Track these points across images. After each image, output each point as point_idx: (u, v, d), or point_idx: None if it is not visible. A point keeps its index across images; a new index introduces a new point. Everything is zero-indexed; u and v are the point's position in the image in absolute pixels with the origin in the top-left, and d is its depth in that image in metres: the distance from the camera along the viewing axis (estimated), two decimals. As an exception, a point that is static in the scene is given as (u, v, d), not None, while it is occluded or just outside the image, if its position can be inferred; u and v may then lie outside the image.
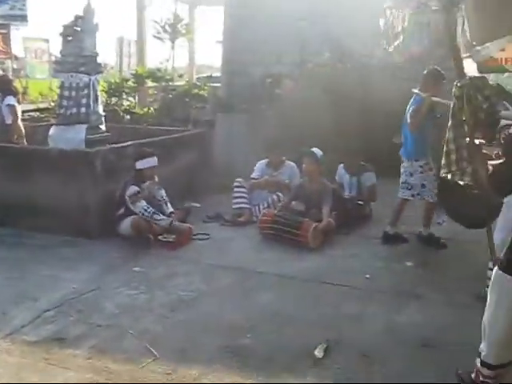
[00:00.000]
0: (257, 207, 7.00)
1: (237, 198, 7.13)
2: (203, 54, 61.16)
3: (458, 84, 3.58)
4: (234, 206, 7.12)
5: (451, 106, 3.67)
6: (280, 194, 7.03)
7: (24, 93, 15.47)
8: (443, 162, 3.83)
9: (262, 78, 9.77)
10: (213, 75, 15.11)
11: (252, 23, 11.23)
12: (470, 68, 3.66)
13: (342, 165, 7.48)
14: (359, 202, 7.10)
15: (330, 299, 4.73)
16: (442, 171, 3.89)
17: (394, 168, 8.88)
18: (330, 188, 6.69)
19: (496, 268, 3.15)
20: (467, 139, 3.65)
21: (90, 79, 6.82)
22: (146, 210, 5.98)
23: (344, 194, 7.17)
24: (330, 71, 9.71)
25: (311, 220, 6.22)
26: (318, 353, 3.79)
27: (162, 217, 6.07)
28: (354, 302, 4.69)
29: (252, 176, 7.35)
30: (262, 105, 9.14)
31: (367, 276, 5.26)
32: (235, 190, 7.17)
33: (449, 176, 3.87)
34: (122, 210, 6.13)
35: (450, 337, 3.68)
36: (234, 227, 6.78)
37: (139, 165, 6.22)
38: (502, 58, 7.81)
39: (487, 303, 3.21)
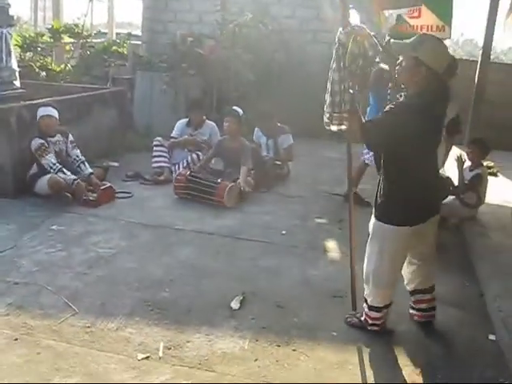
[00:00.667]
0: (176, 166, 7.04)
1: (156, 156, 7.14)
2: (123, 10, 59.41)
3: (344, 30, 3.71)
4: (153, 165, 7.13)
5: (335, 50, 3.78)
6: (199, 153, 7.09)
7: None
8: (328, 100, 3.83)
9: (183, 36, 9.66)
10: (132, 33, 14.74)
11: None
12: (355, 19, 3.81)
13: (257, 127, 7.59)
14: (277, 163, 7.28)
15: (247, 254, 4.90)
16: (326, 110, 3.88)
17: (311, 129, 9.15)
18: (250, 147, 6.81)
19: (374, 219, 3.42)
20: (348, 84, 3.77)
21: (1, 32, 6.54)
22: (52, 166, 5.89)
23: (262, 154, 7.32)
24: (251, 32, 9.74)
25: (228, 179, 6.34)
26: (235, 304, 3.96)
27: (67, 174, 5.93)
28: (270, 256, 4.88)
29: (172, 135, 7.34)
30: (183, 64, 9.08)
31: (283, 232, 5.48)
32: (155, 148, 7.17)
33: (328, 118, 3.91)
34: (34, 169, 6.02)
35: (359, 287, 3.91)
36: (153, 186, 6.80)
37: (37, 116, 6.06)
38: (417, 25, 8.07)
39: (368, 252, 3.52)
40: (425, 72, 3.13)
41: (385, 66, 4.92)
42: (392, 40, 3.47)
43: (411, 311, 3.87)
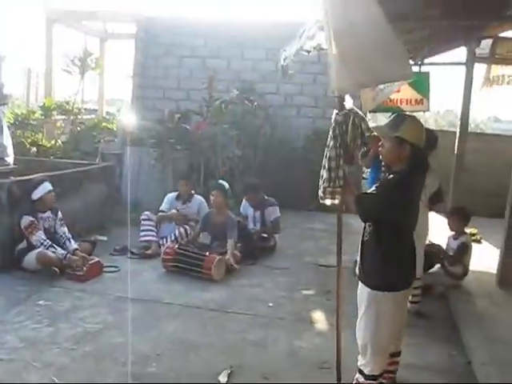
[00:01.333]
0: (164, 239, 7.11)
1: (144, 230, 7.21)
2: (113, 86, 60.58)
3: (341, 112, 3.89)
4: (141, 239, 7.18)
5: (331, 129, 3.94)
6: (187, 226, 7.19)
7: None
8: (325, 176, 3.89)
9: (170, 113, 9.93)
10: (121, 110, 15.09)
11: (163, 60, 11.49)
12: (349, 101, 3.99)
13: (245, 199, 7.73)
14: (263, 235, 7.37)
15: (234, 327, 4.91)
16: (323, 184, 3.91)
17: (296, 200, 9.31)
18: (235, 221, 6.91)
19: (367, 288, 3.46)
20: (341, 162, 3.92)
21: (-5, 110, 6.73)
22: (42, 243, 5.97)
23: (249, 227, 7.41)
24: (237, 108, 10.05)
25: (215, 252, 6.40)
26: (223, 378, 3.95)
27: (57, 250, 6.01)
28: (258, 328, 4.89)
29: (161, 208, 7.45)
30: (171, 139, 9.30)
31: (270, 304, 5.50)
32: (143, 222, 7.25)
33: (323, 193, 4.02)
34: (23, 244, 6.07)
35: (346, 358, 3.91)
36: (141, 260, 6.83)
37: (35, 195, 6.14)
38: (397, 99, 8.41)
39: (364, 322, 3.52)
40: (409, 149, 3.32)
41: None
42: (371, 125, 3.66)
43: None
